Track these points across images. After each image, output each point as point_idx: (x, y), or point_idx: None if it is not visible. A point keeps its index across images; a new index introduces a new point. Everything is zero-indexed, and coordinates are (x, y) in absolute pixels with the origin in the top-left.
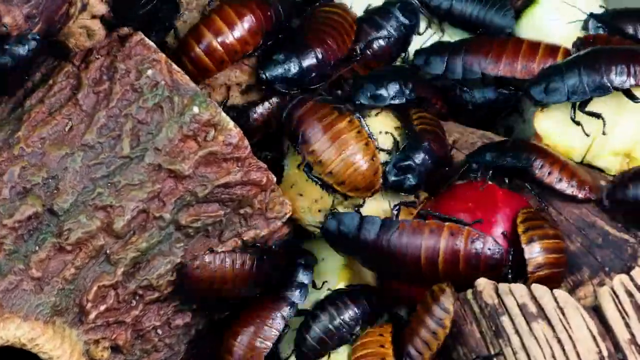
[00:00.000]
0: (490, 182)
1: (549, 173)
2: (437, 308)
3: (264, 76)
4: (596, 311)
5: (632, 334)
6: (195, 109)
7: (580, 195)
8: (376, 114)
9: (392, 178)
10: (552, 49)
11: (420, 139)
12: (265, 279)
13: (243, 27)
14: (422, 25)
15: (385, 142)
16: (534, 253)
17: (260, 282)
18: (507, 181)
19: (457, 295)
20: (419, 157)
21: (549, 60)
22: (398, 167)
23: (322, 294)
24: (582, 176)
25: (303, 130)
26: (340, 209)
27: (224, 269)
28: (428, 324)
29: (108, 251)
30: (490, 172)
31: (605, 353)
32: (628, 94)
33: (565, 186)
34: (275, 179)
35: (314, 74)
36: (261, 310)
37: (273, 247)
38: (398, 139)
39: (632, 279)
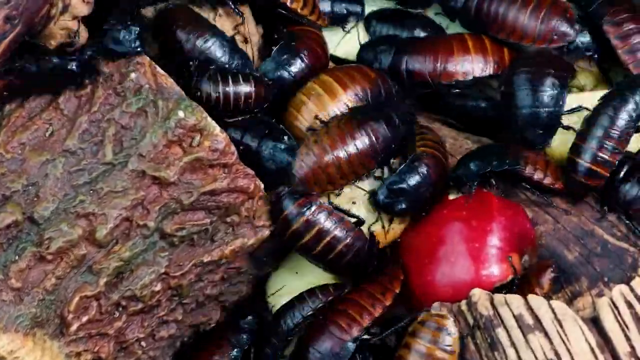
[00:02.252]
0: (485, 190)
1: (536, 170)
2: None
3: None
4: (595, 323)
5: (632, 347)
6: (181, 114)
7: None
8: None
9: (383, 199)
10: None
11: (419, 162)
12: None
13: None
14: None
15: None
16: None
17: None
18: (495, 184)
19: (451, 307)
20: (414, 181)
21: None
22: (390, 190)
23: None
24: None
25: None
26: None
27: None
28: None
29: (90, 261)
30: (476, 181)
31: None
32: None
33: (552, 181)
34: (262, 186)
35: None
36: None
37: None
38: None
39: (632, 290)
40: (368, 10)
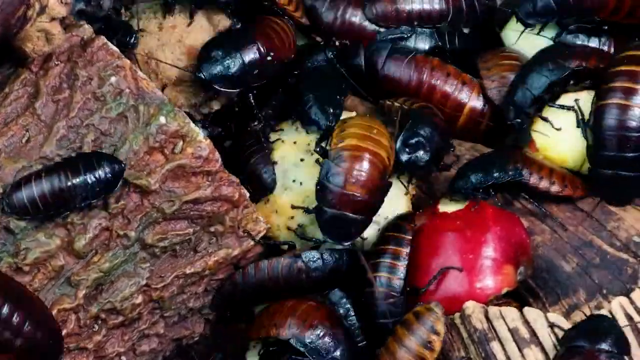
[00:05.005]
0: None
1: (541, 178)
2: (422, 328)
3: (202, 76)
4: None
5: None
6: (162, 119)
7: (576, 195)
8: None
9: (405, 157)
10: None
11: (421, 114)
12: None
13: None
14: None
15: None
16: None
17: None
18: (494, 194)
19: (445, 319)
20: (426, 131)
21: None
22: (408, 145)
23: None
24: (571, 176)
25: None
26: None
27: None
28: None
29: (68, 272)
30: (480, 192)
31: None
32: None
33: (559, 189)
34: (248, 195)
35: (256, 71)
36: None
37: None
38: None
39: (631, 302)
40: None
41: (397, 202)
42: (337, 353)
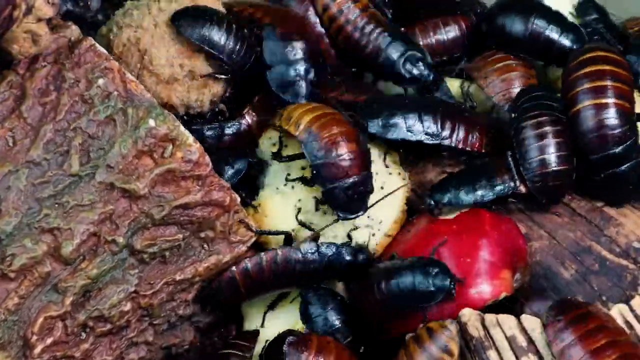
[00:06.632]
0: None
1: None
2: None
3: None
4: None
5: None
6: (152, 122)
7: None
8: None
9: (411, 72)
10: None
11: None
12: None
13: None
14: None
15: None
16: None
17: None
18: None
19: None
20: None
21: None
22: (408, 59)
23: None
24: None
25: None
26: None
27: None
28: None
29: (55, 279)
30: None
31: None
32: None
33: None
34: (239, 199)
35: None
36: None
37: None
38: None
39: (631, 309)
40: None
41: (392, 205)
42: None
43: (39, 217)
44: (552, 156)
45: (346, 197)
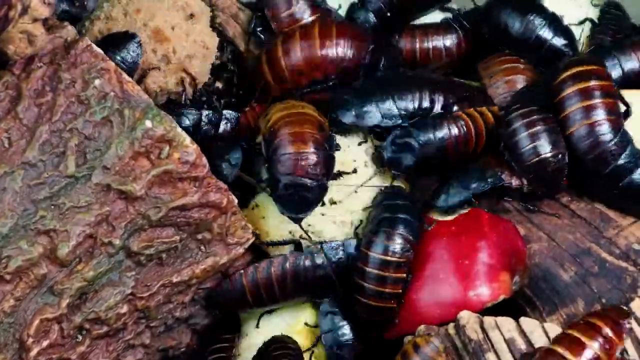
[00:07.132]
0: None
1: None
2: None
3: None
4: None
5: None
6: (148, 123)
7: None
8: None
9: (388, 155)
10: None
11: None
12: None
13: None
14: None
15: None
16: None
17: None
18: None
19: (437, 330)
20: (424, 137)
21: None
22: (396, 144)
23: None
24: None
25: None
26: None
27: None
28: None
29: (51, 281)
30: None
31: None
32: None
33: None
34: (236, 201)
35: None
36: None
37: None
38: None
39: (631, 312)
40: None
41: None
42: None
43: (34, 218)
44: (544, 142)
45: (293, 196)
